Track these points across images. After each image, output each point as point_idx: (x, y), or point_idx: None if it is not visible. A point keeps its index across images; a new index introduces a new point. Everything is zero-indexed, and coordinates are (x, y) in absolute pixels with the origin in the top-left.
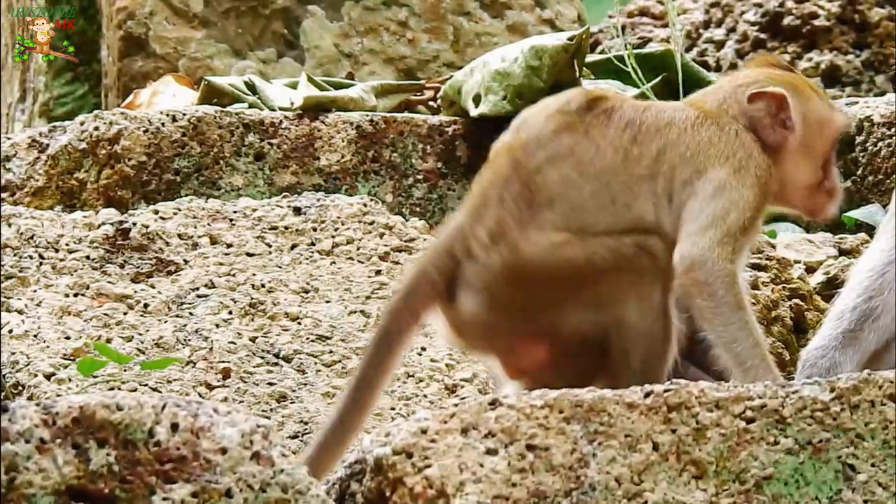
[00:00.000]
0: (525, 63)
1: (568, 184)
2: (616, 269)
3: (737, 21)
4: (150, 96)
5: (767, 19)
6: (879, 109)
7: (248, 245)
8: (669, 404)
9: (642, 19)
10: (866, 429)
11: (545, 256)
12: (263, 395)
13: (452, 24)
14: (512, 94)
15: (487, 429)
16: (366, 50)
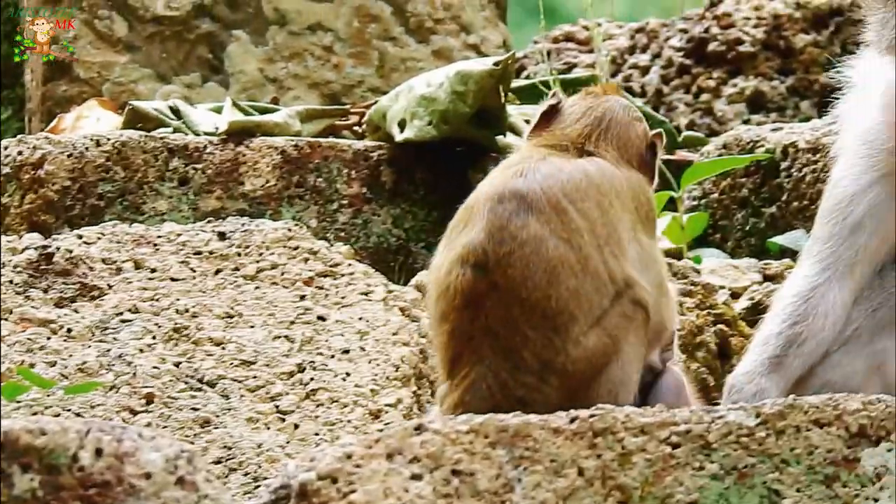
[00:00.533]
0: (451, 88)
1: (575, 292)
2: (626, 333)
3: (662, 47)
4: (75, 121)
5: (692, 45)
6: (804, 135)
7: (172, 270)
8: (595, 429)
9: (567, 45)
10: (791, 454)
11: (591, 360)
12: (187, 421)
13: (377, 49)
14: (437, 120)
15: (413, 454)
16: (290, 75)
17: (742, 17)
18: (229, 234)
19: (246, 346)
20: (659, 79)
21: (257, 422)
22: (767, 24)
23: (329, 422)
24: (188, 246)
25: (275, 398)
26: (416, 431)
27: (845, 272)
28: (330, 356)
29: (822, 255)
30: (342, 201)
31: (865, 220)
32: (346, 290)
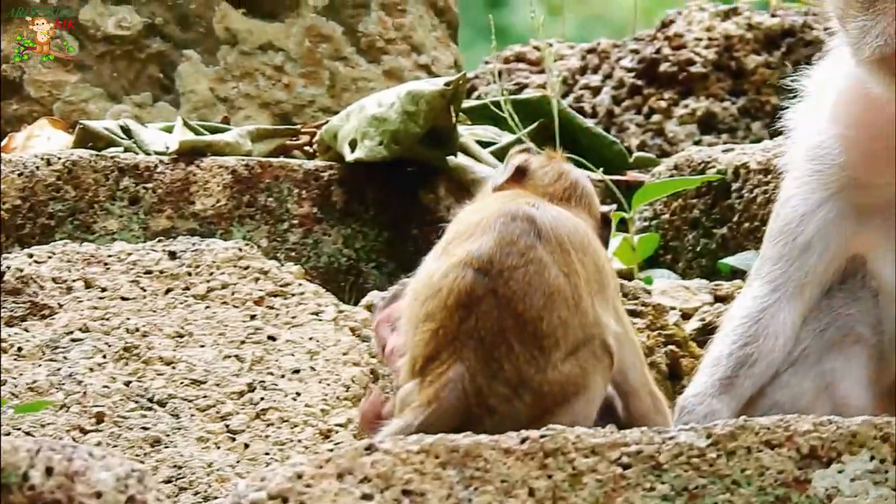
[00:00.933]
0: (402, 108)
1: (564, 322)
2: (595, 372)
3: (613, 67)
4: (25, 140)
5: (644, 66)
6: (755, 156)
7: (122, 289)
8: (545, 450)
9: (519, 65)
10: (742, 475)
11: (563, 387)
12: (137, 440)
13: (328, 69)
14: (388, 140)
15: (363, 474)
16: (241, 94)
17: (693, 37)
18: (180, 253)
19: (196, 366)
20: (610, 99)
21: (207, 441)
22: (719, 45)
23: (279, 441)
24: (138, 265)
25: (225, 417)
26: (366, 451)
27: (795, 293)
28: (280, 376)
29: (772, 276)
30: (293, 221)
31: (815, 240)
32: (297, 310)
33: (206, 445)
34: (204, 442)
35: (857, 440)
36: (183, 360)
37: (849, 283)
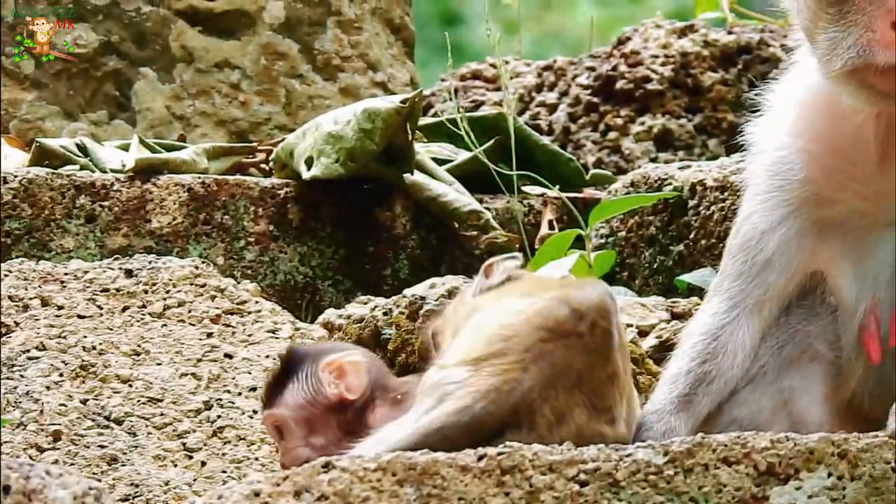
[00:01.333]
0: (358, 126)
1: (622, 394)
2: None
3: (569, 85)
4: None
5: (600, 83)
6: (712, 173)
7: (79, 307)
8: (503, 467)
9: (475, 83)
10: (700, 493)
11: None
12: (94, 458)
13: (285, 86)
14: (344, 157)
15: (320, 492)
16: (197, 112)
17: (650, 55)
18: (136, 271)
19: (153, 384)
20: (566, 116)
21: (164, 459)
22: (675, 63)
23: (236, 459)
24: (95, 283)
25: (182, 435)
26: (323, 469)
27: (754, 310)
28: (237, 393)
29: (732, 293)
30: (249, 239)
31: (775, 257)
32: (253, 328)
33: (163, 463)
34: (161, 460)
35: (814, 457)
36: (140, 378)
37: (808, 300)
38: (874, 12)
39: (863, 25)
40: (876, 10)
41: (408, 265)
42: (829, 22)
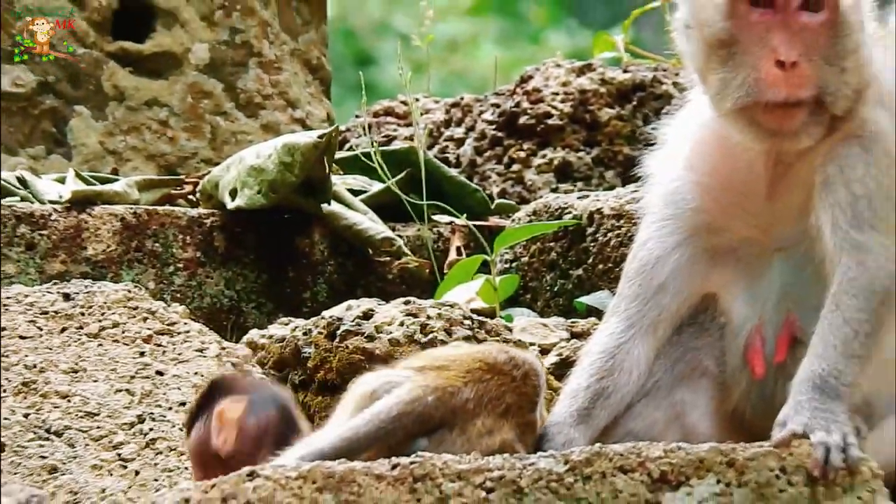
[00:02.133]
0: (278, 159)
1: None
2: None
3: (475, 120)
4: None
5: (504, 118)
6: (609, 202)
7: (20, 328)
8: (415, 475)
9: (387, 119)
10: (598, 498)
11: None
12: (36, 468)
13: (210, 123)
14: (266, 189)
15: (246, 499)
16: (129, 147)
17: (550, 92)
18: (73, 295)
19: (90, 399)
20: (473, 150)
21: (101, 469)
22: (574, 99)
23: (168, 468)
24: (35, 306)
25: (117, 447)
26: (248, 477)
27: (649, 330)
28: (168, 408)
29: (629, 314)
30: (178, 265)
31: (669, 281)
32: (183, 347)
33: (100, 472)
34: (98, 469)
35: (704, 465)
36: (78, 393)
37: (699, 319)
38: (759, 53)
39: (749, 66)
40: (761, 51)
41: (326, 289)
42: (719, 63)
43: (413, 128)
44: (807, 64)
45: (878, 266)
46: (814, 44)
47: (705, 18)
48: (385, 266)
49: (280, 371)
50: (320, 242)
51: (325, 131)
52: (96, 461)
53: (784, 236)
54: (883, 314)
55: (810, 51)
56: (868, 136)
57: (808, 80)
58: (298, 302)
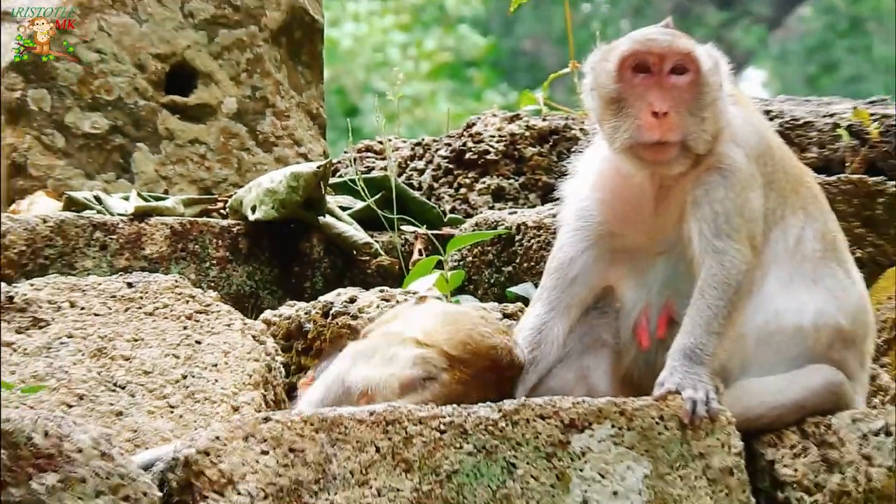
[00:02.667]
0: (287, 184)
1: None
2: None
3: (433, 156)
4: (29, 205)
5: (454, 154)
6: (532, 217)
7: (95, 308)
8: (387, 420)
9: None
10: (523, 438)
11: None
12: (106, 412)
13: (237, 157)
14: (278, 205)
15: (261, 437)
16: (177, 174)
17: (489, 135)
18: (135, 283)
19: (146, 361)
20: (431, 178)
21: (154, 413)
22: (506, 140)
23: (204, 414)
24: (106, 292)
25: (166, 397)
26: (263, 421)
27: (565, 312)
28: (204, 368)
29: (550, 300)
30: (212, 261)
31: (580, 275)
32: (215, 323)
33: (154, 416)
34: (152, 414)
35: (602, 414)
36: (137, 357)
37: (601, 304)
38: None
39: (633, 116)
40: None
41: (321, 280)
42: (611, 115)
43: (387, 161)
44: (675, 114)
45: (733, 265)
46: (680, 99)
47: (602, 83)
48: (365, 263)
49: (287, 341)
50: (317, 245)
51: (322, 163)
52: (151, 408)
53: (665, 242)
54: (736, 301)
55: (678, 104)
56: (726, 168)
57: (676, 126)
58: (301, 290)
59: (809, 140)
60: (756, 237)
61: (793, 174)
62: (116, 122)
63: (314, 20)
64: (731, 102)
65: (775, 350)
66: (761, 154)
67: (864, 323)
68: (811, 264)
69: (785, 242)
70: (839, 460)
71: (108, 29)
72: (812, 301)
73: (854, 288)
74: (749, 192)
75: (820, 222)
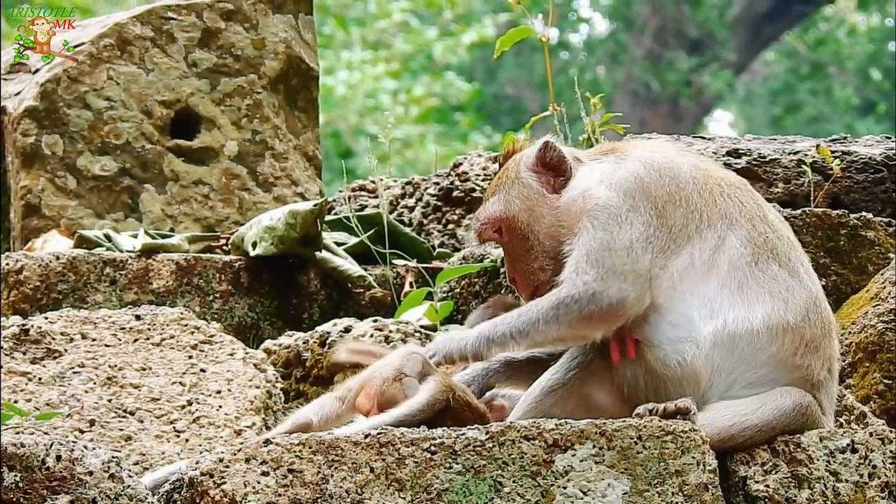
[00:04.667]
0: (285, 221)
1: None
2: None
3: (423, 193)
4: (43, 243)
5: (442, 192)
6: None
7: (105, 339)
8: (381, 442)
9: (361, 193)
10: (509, 458)
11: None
12: (116, 437)
13: (238, 196)
14: (277, 242)
15: (262, 458)
16: (182, 213)
17: (475, 174)
18: (143, 316)
19: (154, 388)
20: (421, 214)
21: (162, 437)
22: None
23: (208, 437)
24: (116, 324)
25: (173, 422)
26: (264, 444)
27: None
28: (208, 395)
29: None
30: (216, 294)
31: None
32: (219, 352)
33: (161, 440)
34: (159, 438)
35: (584, 434)
36: (145, 385)
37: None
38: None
39: None
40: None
41: (318, 311)
42: None
43: (379, 199)
44: (518, 276)
45: (570, 289)
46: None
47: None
48: (360, 295)
49: (286, 368)
50: (314, 279)
51: (318, 202)
52: (158, 432)
53: None
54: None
55: (513, 263)
56: (592, 209)
57: (525, 284)
58: (299, 320)
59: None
60: (630, 263)
61: (711, 188)
62: (125, 164)
63: (310, 68)
64: (598, 160)
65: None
66: (642, 188)
67: (819, 321)
68: (742, 272)
69: (701, 255)
70: (808, 476)
71: (116, 78)
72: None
73: (800, 287)
74: (621, 226)
75: (745, 228)
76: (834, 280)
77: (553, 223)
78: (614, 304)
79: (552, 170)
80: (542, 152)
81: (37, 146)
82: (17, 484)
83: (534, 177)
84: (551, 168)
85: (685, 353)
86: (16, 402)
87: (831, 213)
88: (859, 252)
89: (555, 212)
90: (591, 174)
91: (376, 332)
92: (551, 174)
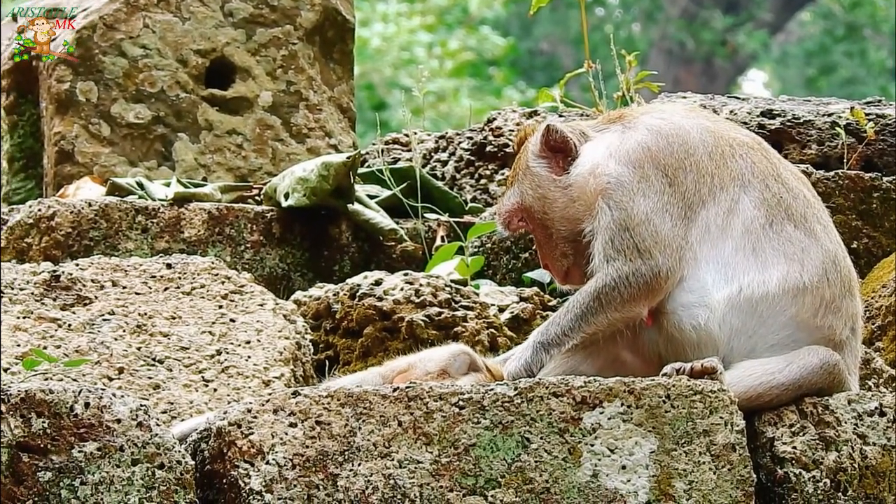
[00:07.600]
0: (318, 173)
1: None
2: None
3: (456, 148)
4: (75, 190)
5: (475, 147)
6: None
7: (136, 287)
8: (409, 396)
9: (395, 146)
10: (537, 414)
11: None
12: (144, 385)
13: (271, 147)
14: (309, 193)
15: (290, 410)
16: (215, 162)
17: (508, 129)
18: (174, 265)
19: (183, 338)
20: (454, 169)
21: (190, 387)
22: None
23: (236, 388)
24: (147, 272)
25: (202, 371)
26: (292, 395)
27: None
28: (238, 345)
29: None
30: (247, 245)
31: None
32: (249, 303)
33: (189, 389)
34: (188, 387)
35: (612, 392)
36: (175, 334)
37: None
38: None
39: None
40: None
41: (349, 264)
42: None
43: (412, 153)
44: (550, 260)
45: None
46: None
47: None
48: (391, 249)
49: (316, 320)
50: (346, 231)
51: (351, 154)
52: (187, 381)
53: None
54: (597, 307)
55: (543, 247)
56: (607, 187)
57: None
58: (330, 272)
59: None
60: (651, 237)
61: (721, 150)
62: (159, 113)
63: (346, 20)
64: (605, 130)
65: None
66: (651, 157)
67: (838, 280)
68: (755, 235)
69: (716, 219)
70: (836, 439)
71: (152, 26)
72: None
73: (816, 246)
74: (634, 199)
75: (758, 189)
76: (865, 243)
77: (567, 203)
78: (650, 280)
79: (559, 151)
80: (546, 137)
81: (71, 93)
82: (44, 430)
83: (542, 163)
84: (558, 150)
85: (699, 317)
86: (45, 348)
87: (864, 176)
88: (891, 215)
89: (567, 190)
90: (598, 147)
91: (406, 286)
92: (559, 156)
